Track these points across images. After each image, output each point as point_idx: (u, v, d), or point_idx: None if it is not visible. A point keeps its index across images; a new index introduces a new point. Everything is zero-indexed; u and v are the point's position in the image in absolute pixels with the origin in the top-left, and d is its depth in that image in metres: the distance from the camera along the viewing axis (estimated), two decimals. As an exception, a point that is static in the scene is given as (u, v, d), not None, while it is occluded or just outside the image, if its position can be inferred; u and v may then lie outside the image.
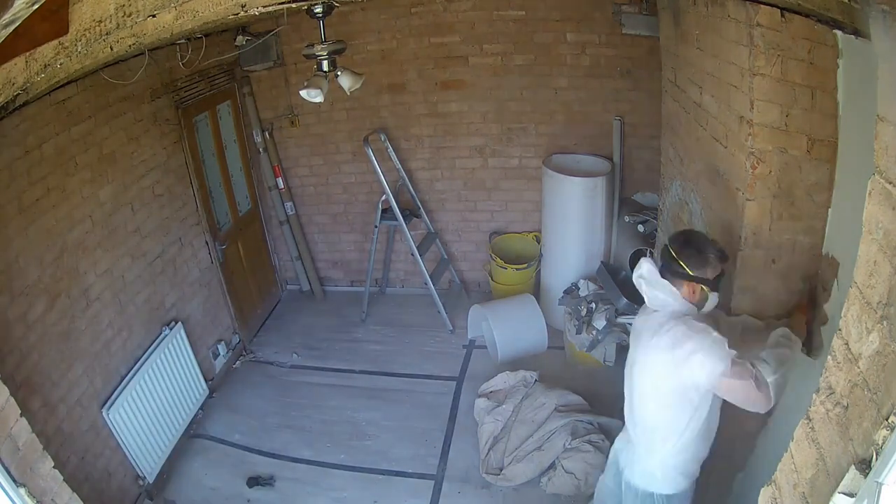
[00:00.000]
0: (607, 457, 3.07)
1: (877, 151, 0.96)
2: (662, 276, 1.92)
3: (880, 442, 0.88)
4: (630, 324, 3.83)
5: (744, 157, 2.07)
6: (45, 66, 1.57)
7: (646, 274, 1.96)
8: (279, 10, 2.91)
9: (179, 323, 3.66)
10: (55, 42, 1.42)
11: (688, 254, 1.88)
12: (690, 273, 1.87)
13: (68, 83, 2.74)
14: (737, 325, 2.13)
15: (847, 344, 1.03)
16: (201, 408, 3.89)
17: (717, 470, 2.40)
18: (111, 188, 3.16)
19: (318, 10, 2.85)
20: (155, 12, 1.69)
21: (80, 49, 1.54)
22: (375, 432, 3.72)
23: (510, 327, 4.09)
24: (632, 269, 4.02)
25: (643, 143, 4.17)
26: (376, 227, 4.57)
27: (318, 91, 3.00)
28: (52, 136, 2.74)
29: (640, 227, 4.03)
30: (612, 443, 2.39)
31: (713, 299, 1.92)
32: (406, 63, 4.36)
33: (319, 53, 3.01)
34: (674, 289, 1.90)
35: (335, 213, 5.05)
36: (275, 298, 5.18)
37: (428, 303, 4.61)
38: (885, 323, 0.91)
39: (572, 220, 4.17)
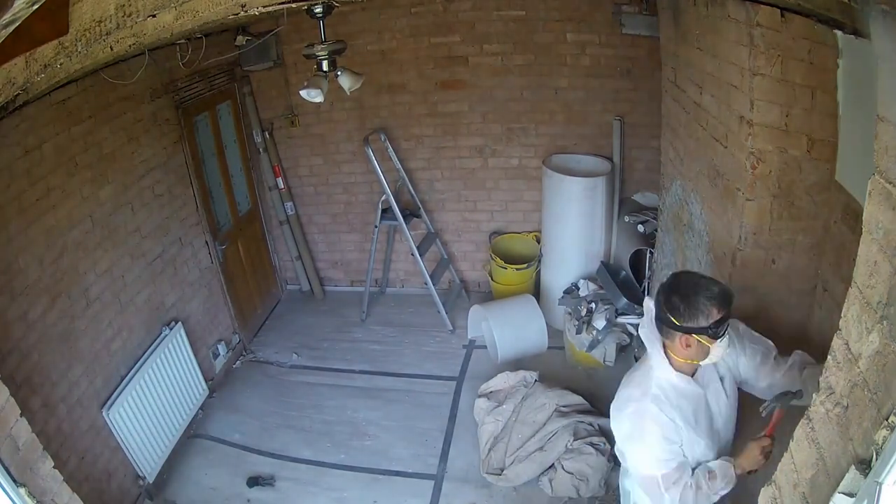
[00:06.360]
0: (608, 460, 3.06)
1: (877, 151, 0.96)
2: (658, 326, 1.73)
3: (880, 442, 0.88)
4: (630, 324, 3.85)
5: (744, 157, 2.07)
6: (45, 66, 1.56)
7: (644, 320, 1.80)
8: (279, 10, 2.91)
9: (179, 323, 3.66)
10: (55, 42, 1.41)
11: (674, 304, 1.65)
12: (678, 324, 1.64)
13: (68, 83, 2.73)
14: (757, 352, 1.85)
15: (847, 344, 1.03)
16: (201, 408, 3.89)
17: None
18: (111, 188, 3.16)
19: (318, 10, 2.85)
20: (155, 12, 1.68)
21: (80, 49, 1.53)
22: (375, 432, 3.72)
23: (510, 327, 4.09)
24: (632, 268, 4.04)
25: (643, 143, 4.17)
26: (376, 226, 4.57)
27: (318, 91, 3.00)
28: (52, 136, 2.74)
29: (640, 227, 4.03)
30: (613, 445, 2.39)
31: (717, 350, 1.66)
32: (406, 63, 4.35)
33: (319, 53, 3.01)
34: (656, 346, 1.75)
35: (335, 213, 5.05)
36: (275, 298, 5.18)
37: (428, 303, 4.61)
38: (885, 323, 0.91)
39: (572, 220, 4.17)
